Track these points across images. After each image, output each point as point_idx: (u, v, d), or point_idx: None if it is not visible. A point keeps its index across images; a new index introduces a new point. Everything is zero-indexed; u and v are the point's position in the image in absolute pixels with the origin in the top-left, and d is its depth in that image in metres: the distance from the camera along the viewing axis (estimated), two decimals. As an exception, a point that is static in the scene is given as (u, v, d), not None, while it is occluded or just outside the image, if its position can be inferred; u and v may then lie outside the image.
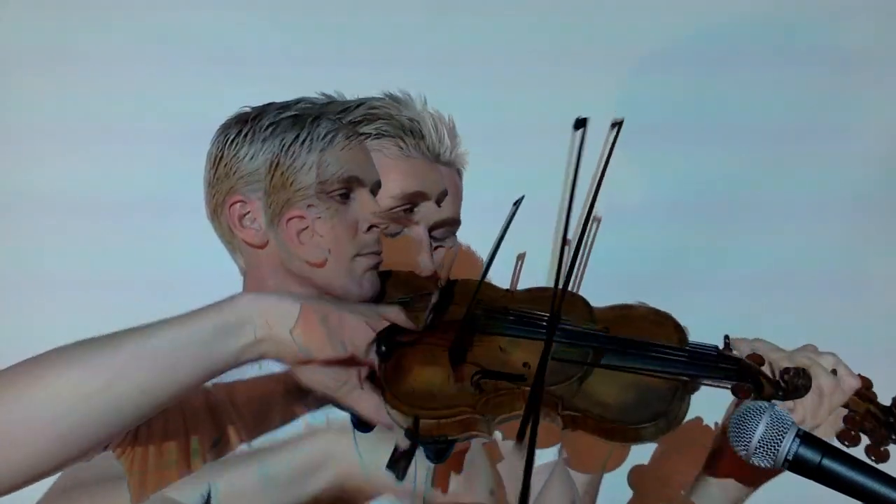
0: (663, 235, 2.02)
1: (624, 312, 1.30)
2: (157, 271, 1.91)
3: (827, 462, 1.09)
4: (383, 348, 1.16)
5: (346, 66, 1.92)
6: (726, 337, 1.29)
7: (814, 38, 2.08)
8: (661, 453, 1.62)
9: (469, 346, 1.22)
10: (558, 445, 1.48)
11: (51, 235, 1.89)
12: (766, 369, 1.26)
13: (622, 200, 1.97)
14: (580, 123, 1.18)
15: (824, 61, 2.07)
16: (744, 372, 1.25)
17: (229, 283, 1.85)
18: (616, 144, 1.17)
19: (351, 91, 1.50)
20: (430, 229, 1.50)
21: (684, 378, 1.21)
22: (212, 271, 1.90)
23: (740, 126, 2.06)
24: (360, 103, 1.47)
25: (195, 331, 1.08)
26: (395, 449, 1.16)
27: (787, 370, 1.25)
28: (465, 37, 2.00)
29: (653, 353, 1.24)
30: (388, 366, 1.17)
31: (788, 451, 1.09)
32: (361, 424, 1.17)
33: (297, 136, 1.32)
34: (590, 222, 1.19)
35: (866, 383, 1.29)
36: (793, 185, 2.07)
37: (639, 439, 1.18)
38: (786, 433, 1.09)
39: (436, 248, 1.51)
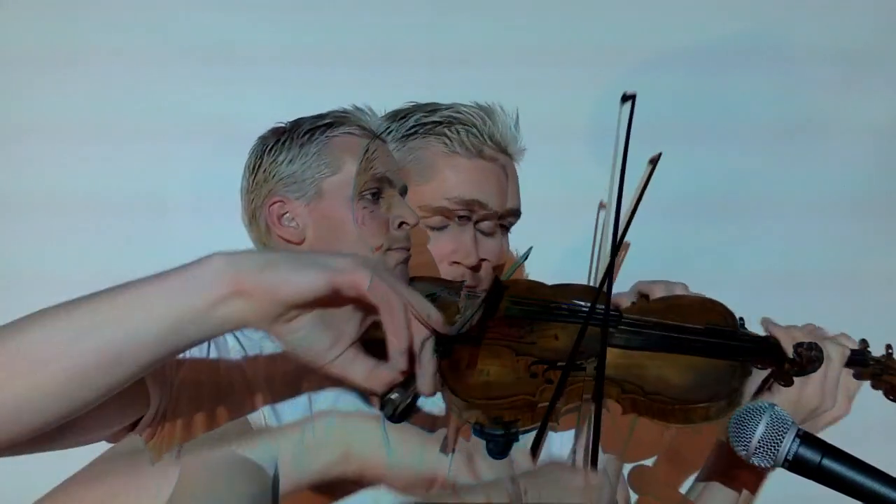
0: (664, 235, 2.02)
1: (673, 301, 1.35)
2: (156, 271, 1.91)
3: (827, 462, 1.09)
4: (441, 348, 1.15)
5: (347, 66, 1.92)
6: (740, 318, 1.31)
7: (814, 39, 2.08)
8: (662, 454, 1.62)
9: (523, 337, 1.25)
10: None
11: (51, 235, 1.89)
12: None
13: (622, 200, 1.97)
14: (628, 97, 1.20)
15: (824, 61, 2.07)
16: (763, 348, 1.28)
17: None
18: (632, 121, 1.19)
19: (352, 90, 1.50)
20: (476, 221, 1.53)
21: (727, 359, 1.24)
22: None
23: (740, 126, 2.07)
24: (449, 106, 1.53)
25: (162, 288, 1.01)
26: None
27: (800, 344, 1.28)
28: (466, 37, 2.00)
29: (672, 334, 1.27)
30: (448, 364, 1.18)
31: (788, 451, 1.09)
32: (394, 416, 1.17)
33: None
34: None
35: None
36: (793, 185, 2.07)
37: (698, 420, 1.19)
38: (786, 433, 1.10)
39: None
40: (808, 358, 1.26)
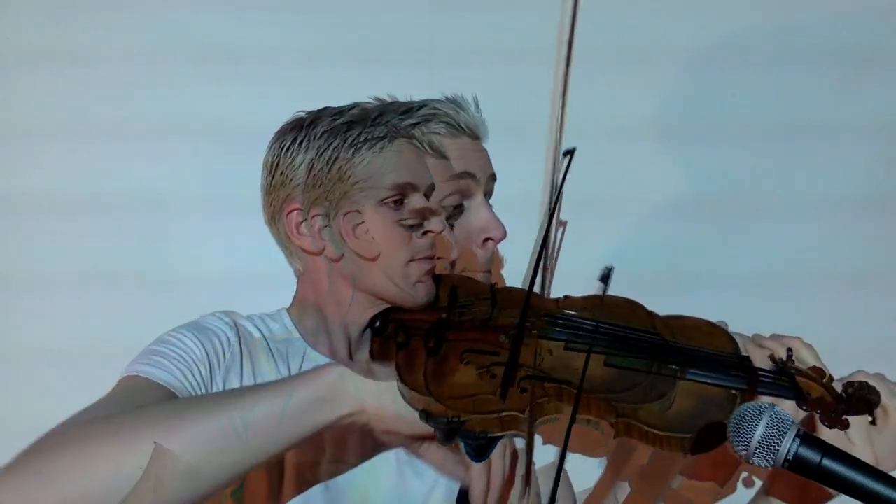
0: (664, 235, 2.02)
1: (677, 322, 1.32)
2: (157, 271, 1.91)
3: (827, 462, 1.09)
4: (431, 344, 1.20)
5: (347, 65, 1.92)
6: (789, 349, 1.27)
7: (814, 39, 2.08)
8: (657, 453, 1.62)
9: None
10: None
11: (51, 235, 1.89)
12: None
13: (623, 199, 1.97)
14: (569, 152, 1.22)
15: (824, 61, 2.07)
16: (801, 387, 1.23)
17: (229, 283, 1.86)
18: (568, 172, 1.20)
19: (352, 90, 1.50)
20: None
21: (742, 388, 1.22)
22: (212, 271, 1.91)
23: (740, 126, 2.06)
24: (422, 105, 1.49)
25: (290, 406, 1.14)
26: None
27: (850, 384, 1.22)
28: (466, 37, 2.00)
29: (715, 363, 1.24)
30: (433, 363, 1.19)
31: (788, 451, 1.09)
32: (476, 454, 1.20)
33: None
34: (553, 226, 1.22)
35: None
36: (793, 185, 2.07)
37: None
38: (786, 433, 1.09)
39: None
40: (857, 398, 1.20)
